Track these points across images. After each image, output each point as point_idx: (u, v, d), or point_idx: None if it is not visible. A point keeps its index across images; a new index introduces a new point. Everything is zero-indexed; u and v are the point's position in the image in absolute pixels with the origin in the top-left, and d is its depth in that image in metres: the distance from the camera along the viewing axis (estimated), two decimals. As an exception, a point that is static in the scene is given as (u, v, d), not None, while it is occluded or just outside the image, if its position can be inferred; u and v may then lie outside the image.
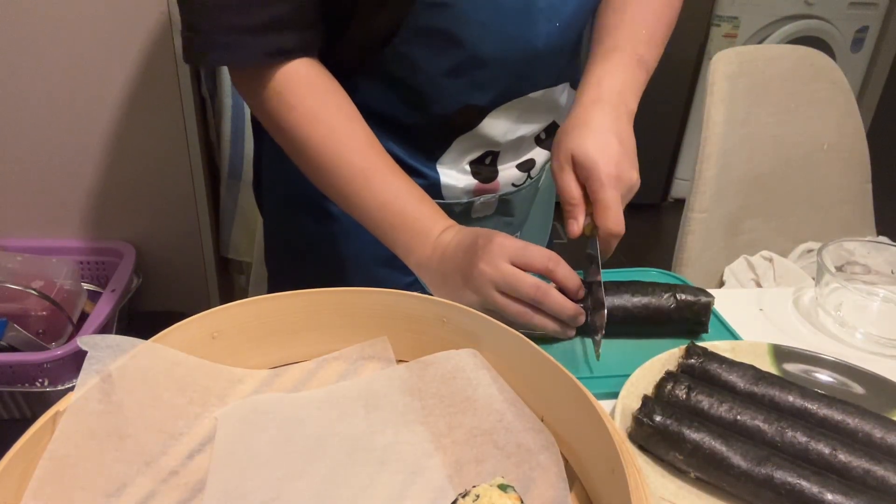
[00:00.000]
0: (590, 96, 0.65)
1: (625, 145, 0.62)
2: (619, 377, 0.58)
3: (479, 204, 0.80)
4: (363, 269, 0.80)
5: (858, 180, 1.27)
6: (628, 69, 0.67)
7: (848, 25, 2.72)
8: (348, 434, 0.51)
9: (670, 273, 0.78)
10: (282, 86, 0.64)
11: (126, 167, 1.67)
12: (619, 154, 0.61)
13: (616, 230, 0.60)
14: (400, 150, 0.74)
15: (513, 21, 0.66)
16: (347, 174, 0.65)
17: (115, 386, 0.47)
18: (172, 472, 0.47)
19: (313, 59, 0.66)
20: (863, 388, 0.59)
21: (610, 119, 0.63)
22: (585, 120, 0.63)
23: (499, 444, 0.49)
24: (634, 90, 0.67)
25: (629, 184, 0.62)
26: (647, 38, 0.70)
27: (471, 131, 0.74)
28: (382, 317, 0.58)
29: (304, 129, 0.65)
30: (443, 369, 0.54)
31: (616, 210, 0.60)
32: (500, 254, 0.59)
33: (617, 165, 0.61)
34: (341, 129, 0.65)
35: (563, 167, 0.63)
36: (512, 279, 0.58)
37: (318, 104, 0.65)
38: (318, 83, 0.66)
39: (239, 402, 0.53)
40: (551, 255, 0.60)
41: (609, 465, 0.43)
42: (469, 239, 0.61)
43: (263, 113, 0.67)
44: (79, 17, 1.49)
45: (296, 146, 0.66)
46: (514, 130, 0.76)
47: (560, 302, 0.59)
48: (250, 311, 0.56)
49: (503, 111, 0.73)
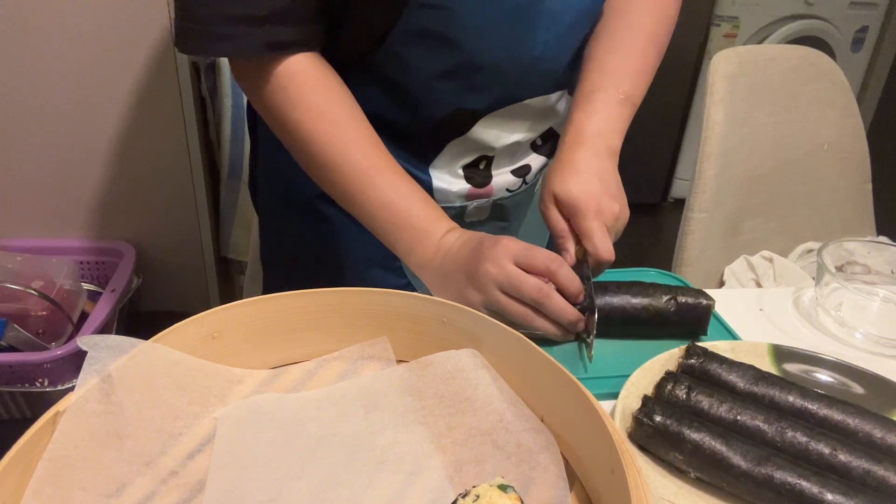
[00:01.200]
0: (572, 138, 0.68)
1: (606, 183, 0.66)
2: (619, 377, 0.58)
3: (473, 208, 0.79)
4: (356, 270, 0.80)
5: (858, 180, 1.27)
6: (610, 108, 0.70)
7: (848, 25, 2.72)
8: (348, 434, 0.51)
9: (670, 273, 0.78)
10: (286, 80, 0.64)
11: (126, 167, 1.67)
12: (599, 191, 0.65)
13: (605, 256, 0.63)
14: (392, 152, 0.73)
15: (511, 27, 0.66)
16: (351, 172, 0.65)
17: (115, 386, 0.47)
18: (172, 473, 0.47)
19: (315, 53, 0.66)
20: (863, 388, 0.59)
21: (591, 160, 0.66)
22: (567, 161, 0.67)
23: (499, 443, 0.49)
24: (617, 128, 0.70)
25: (612, 215, 0.65)
26: (632, 70, 0.72)
27: (463, 136, 0.74)
28: (382, 317, 0.58)
29: (308, 126, 0.64)
30: (442, 369, 0.54)
31: (603, 238, 0.63)
32: (505, 254, 0.59)
33: (597, 200, 0.64)
34: (346, 127, 0.65)
35: (548, 205, 0.67)
36: (515, 280, 0.59)
37: (323, 101, 0.65)
38: (323, 79, 0.66)
39: (239, 403, 0.53)
40: (555, 257, 0.60)
41: (609, 465, 0.43)
42: (475, 241, 0.62)
43: (266, 108, 0.67)
44: (80, 19, 1.49)
45: (299, 142, 0.66)
46: (509, 136, 0.76)
47: (561, 306, 0.60)
48: (250, 311, 0.56)
49: (497, 116, 0.73)
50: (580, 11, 0.70)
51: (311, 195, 0.76)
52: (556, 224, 0.66)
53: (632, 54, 0.72)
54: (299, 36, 0.63)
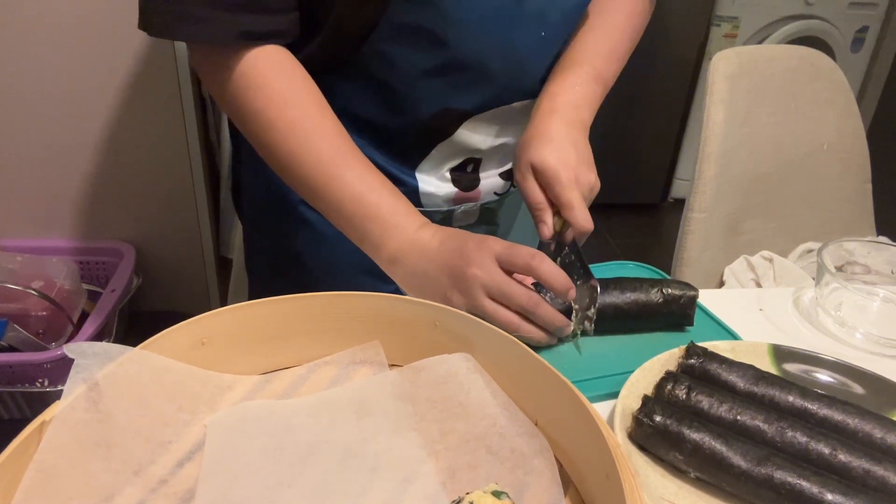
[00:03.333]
0: (546, 107, 0.68)
1: (580, 152, 0.66)
2: (618, 375, 0.58)
3: (461, 212, 0.79)
4: (343, 276, 0.78)
5: (858, 180, 1.27)
6: (585, 84, 0.70)
7: (848, 25, 2.72)
8: (340, 441, 0.50)
9: (647, 266, 0.78)
10: (248, 66, 0.61)
11: (126, 167, 1.67)
12: (575, 160, 0.64)
13: (585, 226, 0.63)
14: (378, 155, 0.73)
15: (496, 25, 0.66)
16: (316, 162, 0.62)
17: (103, 394, 0.46)
18: (162, 481, 0.46)
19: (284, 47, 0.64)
20: (863, 388, 0.59)
21: (564, 129, 0.66)
22: (542, 131, 0.66)
23: (492, 449, 0.48)
24: (590, 103, 0.70)
25: (588, 185, 0.65)
26: (606, 53, 0.73)
27: (450, 138, 0.73)
28: (374, 321, 0.57)
29: (271, 113, 0.62)
30: (435, 374, 0.53)
31: (582, 208, 0.63)
32: (490, 257, 0.59)
33: (574, 170, 0.64)
34: (311, 116, 0.63)
35: (525, 176, 0.66)
36: (506, 287, 0.58)
37: (287, 87, 0.62)
38: (288, 67, 0.64)
39: (229, 410, 0.52)
40: (535, 252, 0.59)
41: (604, 470, 0.42)
42: (457, 240, 0.61)
43: (225, 95, 0.64)
44: (79, 18, 1.49)
45: (260, 131, 0.63)
46: (496, 138, 0.75)
47: (550, 313, 0.59)
48: (240, 316, 0.54)
49: (484, 119, 0.73)
50: (566, 12, 0.70)
51: (295, 200, 0.75)
52: (533, 195, 0.65)
53: (605, 37, 0.74)
54: (274, 26, 0.62)
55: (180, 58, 1.56)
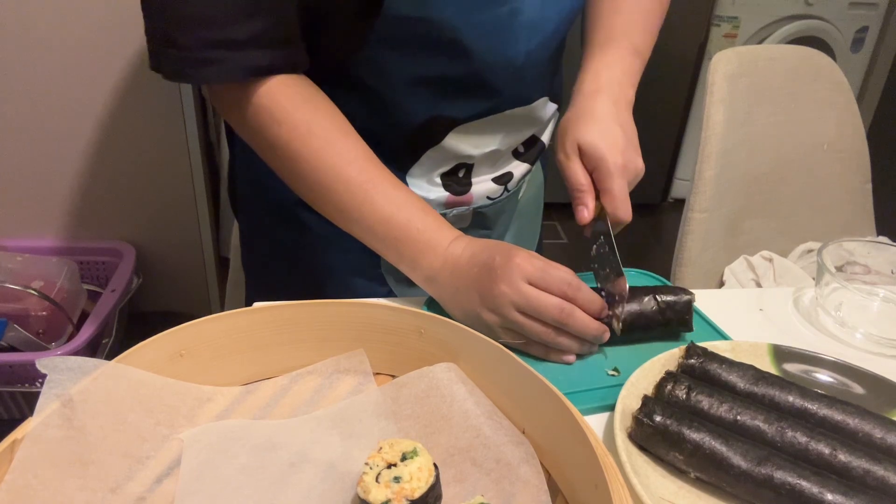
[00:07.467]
0: (590, 87, 0.67)
1: (627, 134, 0.64)
2: (611, 388, 0.57)
3: (453, 216, 0.78)
4: (339, 278, 0.78)
5: (858, 180, 1.27)
6: (625, 59, 0.69)
7: (848, 25, 2.72)
8: (323, 460, 0.49)
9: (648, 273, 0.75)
10: (267, 100, 0.61)
11: (126, 167, 1.67)
12: (623, 143, 0.63)
13: (625, 218, 0.62)
14: None
15: (492, 36, 0.65)
16: (346, 189, 0.62)
17: (77, 410, 0.45)
18: (139, 499, 0.45)
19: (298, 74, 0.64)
20: (863, 388, 0.59)
21: (612, 109, 0.65)
22: (589, 110, 0.65)
23: (477, 461, 0.48)
24: (631, 79, 0.69)
25: (635, 171, 0.64)
26: (640, 26, 0.72)
27: (439, 144, 0.72)
28: (358, 329, 0.56)
29: (296, 145, 0.62)
30: (417, 389, 0.53)
31: (624, 199, 0.62)
32: (520, 275, 0.58)
33: (623, 154, 0.63)
34: (336, 142, 0.63)
35: (569, 156, 0.64)
36: (535, 302, 0.57)
37: (309, 117, 0.62)
38: (307, 95, 0.63)
39: (207, 426, 0.51)
40: (571, 279, 0.58)
41: (592, 481, 0.42)
42: (485, 254, 0.60)
43: (248, 130, 0.63)
44: (79, 18, 1.49)
45: (287, 163, 0.63)
46: (486, 145, 0.74)
47: (585, 322, 0.58)
48: (219, 326, 0.53)
49: (474, 126, 0.72)
50: (560, 21, 0.69)
51: (290, 203, 0.74)
52: (577, 177, 0.64)
53: (638, 10, 0.72)
54: (281, 59, 0.61)
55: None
